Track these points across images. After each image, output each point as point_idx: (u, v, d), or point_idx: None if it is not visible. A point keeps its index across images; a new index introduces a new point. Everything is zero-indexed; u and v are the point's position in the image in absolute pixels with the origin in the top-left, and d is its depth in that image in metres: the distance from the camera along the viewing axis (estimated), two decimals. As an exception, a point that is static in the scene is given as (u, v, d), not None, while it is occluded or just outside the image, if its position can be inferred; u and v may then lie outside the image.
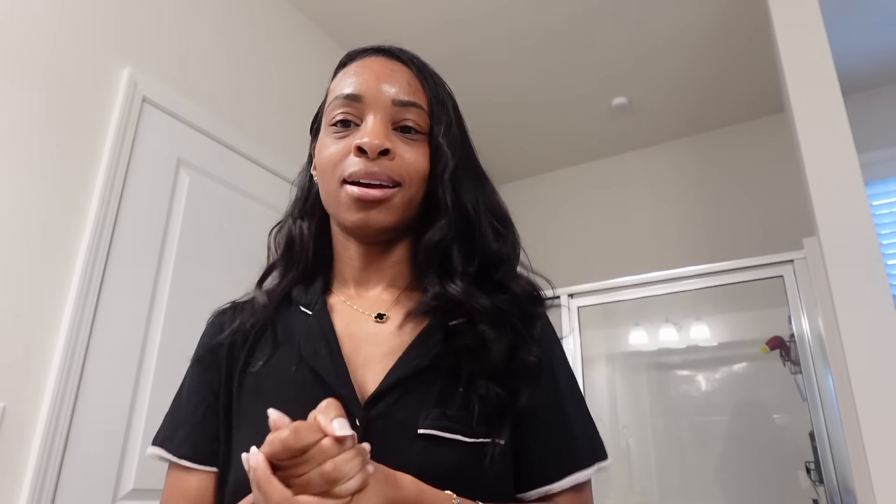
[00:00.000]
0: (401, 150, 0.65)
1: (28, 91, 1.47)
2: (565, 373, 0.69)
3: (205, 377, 0.70)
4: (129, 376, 1.58)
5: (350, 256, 0.71)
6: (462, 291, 0.64)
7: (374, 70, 0.68)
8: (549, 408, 0.65)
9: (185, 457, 0.66)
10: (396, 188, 0.64)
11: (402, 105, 0.67)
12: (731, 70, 2.74)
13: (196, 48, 1.97)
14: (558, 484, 0.62)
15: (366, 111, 0.66)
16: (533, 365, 0.63)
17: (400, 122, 0.67)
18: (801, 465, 2.04)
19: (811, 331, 1.96)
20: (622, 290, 2.38)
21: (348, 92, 0.67)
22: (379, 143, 0.63)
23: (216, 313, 0.75)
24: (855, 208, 1.68)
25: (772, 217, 2.86)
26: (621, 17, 2.46)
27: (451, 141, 0.69)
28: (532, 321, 0.67)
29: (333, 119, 0.67)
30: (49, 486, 1.36)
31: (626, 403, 2.86)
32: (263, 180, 2.12)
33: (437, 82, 0.72)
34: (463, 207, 0.67)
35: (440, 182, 0.67)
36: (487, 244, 0.68)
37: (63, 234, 1.49)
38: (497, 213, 0.71)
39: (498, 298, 0.65)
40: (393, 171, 0.64)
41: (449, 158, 0.67)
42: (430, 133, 0.68)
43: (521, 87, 2.89)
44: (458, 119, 0.73)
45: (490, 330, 0.62)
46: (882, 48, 2.64)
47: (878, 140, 2.75)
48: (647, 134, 3.25)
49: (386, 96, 0.66)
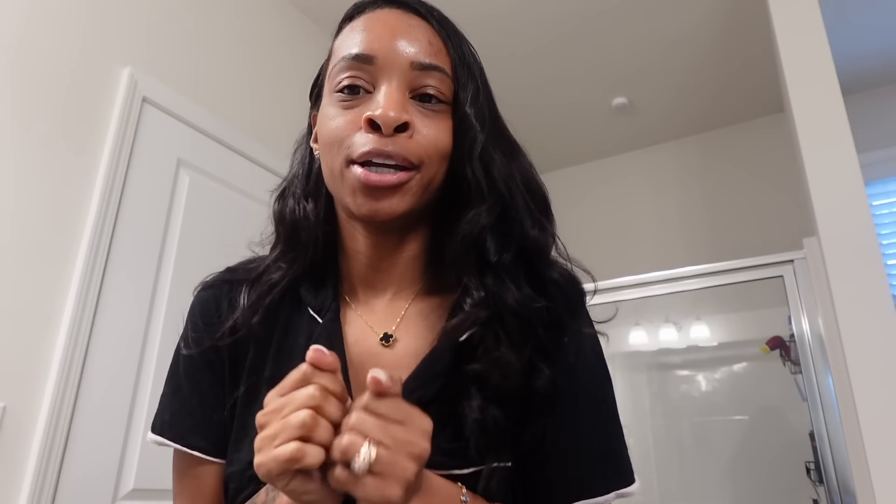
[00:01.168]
0: (420, 123, 0.55)
1: (28, 91, 1.47)
2: (593, 391, 0.59)
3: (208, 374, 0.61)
4: (129, 376, 1.58)
5: (357, 249, 0.61)
6: (494, 282, 0.55)
7: (389, 25, 0.57)
8: (563, 429, 0.56)
9: (197, 448, 0.59)
10: (413, 171, 0.54)
11: (423, 69, 0.55)
12: (731, 70, 2.74)
13: (196, 48, 1.97)
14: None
15: (379, 75, 0.55)
16: (542, 389, 0.54)
17: (419, 88, 0.56)
18: (801, 465, 2.04)
19: (811, 331, 1.96)
20: (622, 290, 2.38)
21: (357, 51, 0.56)
22: (395, 116, 0.52)
23: (206, 286, 0.65)
24: (855, 208, 1.68)
25: (772, 217, 2.86)
26: (621, 17, 2.46)
27: (480, 111, 0.58)
28: (563, 329, 0.57)
29: (339, 84, 0.56)
30: (49, 486, 1.36)
31: (626, 403, 2.85)
32: (263, 180, 2.12)
33: (462, 41, 0.62)
34: (500, 191, 0.57)
35: (469, 161, 0.56)
36: (525, 230, 0.58)
37: (63, 234, 1.49)
38: (536, 194, 0.61)
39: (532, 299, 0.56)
40: (410, 152, 0.53)
41: (478, 132, 0.57)
42: (454, 102, 0.57)
43: (522, 87, 2.89)
44: (486, 85, 0.62)
45: (509, 353, 0.53)
46: (882, 48, 2.64)
47: (878, 140, 2.75)
48: (648, 134, 3.25)
49: (403, 57, 0.55)
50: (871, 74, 2.78)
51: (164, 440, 0.60)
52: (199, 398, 0.60)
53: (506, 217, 0.57)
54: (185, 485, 0.60)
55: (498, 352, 0.53)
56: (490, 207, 0.56)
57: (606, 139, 3.31)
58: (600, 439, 0.58)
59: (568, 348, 0.57)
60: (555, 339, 0.56)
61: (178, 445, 0.59)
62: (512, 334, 0.54)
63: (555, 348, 0.56)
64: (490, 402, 0.52)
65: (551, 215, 0.62)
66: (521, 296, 0.55)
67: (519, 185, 0.59)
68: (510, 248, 0.57)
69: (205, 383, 0.60)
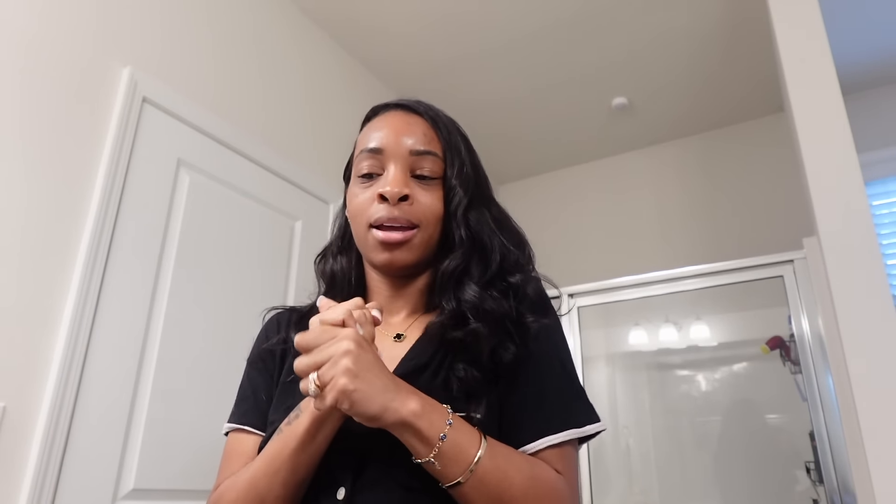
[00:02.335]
0: (418, 195, 0.75)
1: (28, 91, 1.47)
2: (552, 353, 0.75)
3: (261, 378, 0.82)
4: (130, 376, 1.58)
5: (378, 287, 0.82)
6: (476, 294, 0.73)
7: (394, 125, 0.79)
8: (527, 384, 0.72)
9: (247, 424, 0.78)
10: (415, 230, 0.75)
11: (419, 154, 0.77)
12: (731, 70, 2.74)
13: (196, 48, 1.97)
14: (531, 446, 0.68)
15: (387, 162, 0.76)
16: (509, 361, 0.71)
17: (417, 169, 0.77)
18: (801, 465, 2.04)
19: (811, 331, 1.96)
20: (622, 290, 2.38)
21: (372, 146, 0.77)
22: (398, 190, 0.73)
23: (274, 310, 0.88)
24: (855, 208, 1.68)
25: (772, 217, 2.86)
26: (621, 17, 2.46)
27: (464, 181, 0.78)
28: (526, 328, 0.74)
29: (360, 171, 0.78)
30: (49, 486, 1.36)
31: (626, 403, 2.86)
32: (263, 180, 2.12)
33: (451, 129, 0.82)
34: (477, 238, 0.77)
35: (454, 219, 0.77)
36: (504, 259, 0.78)
37: (63, 234, 1.49)
38: (512, 237, 0.81)
39: (503, 302, 0.74)
40: (411, 215, 0.74)
41: (462, 197, 0.77)
42: (444, 176, 0.78)
43: (522, 87, 2.89)
44: (472, 158, 0.82)
45: (480, 326, 0.70)
46: (882, 48, 2.64)
47: (878, 140, 2.75)
48: (647, 134, 3.25)
49: (404, 148, 0.76)
50: (871, 74, 2.78)
51: (228, 425, 0.80)
52: (253, 391, 0.81)
53: (484, 254, 0.77)
54: (231, 451, 0.77)
55: (473, 326, 0.70)
56: (465, 251, 0.76)
57: (606, 139, 3.31)
58: (556, 392, 0.73)
59: (531, 335, 0.74)
60: (520, 330, 0.73)
61: (236, 425, 0.78)
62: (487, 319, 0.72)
63: (520, 335, 0.73)
64: (470, 365, 0.69)
65: (525, 248, 0.82)
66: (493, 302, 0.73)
67: (496, 234, 0.79)
68: (487, 272, 0.77)
69: (258, 380, 0.81)
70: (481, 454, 0.62)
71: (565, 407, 0.72)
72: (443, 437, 0.60)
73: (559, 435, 0.69)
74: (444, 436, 0.61)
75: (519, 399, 0.71)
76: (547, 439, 0.69)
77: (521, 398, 0.71)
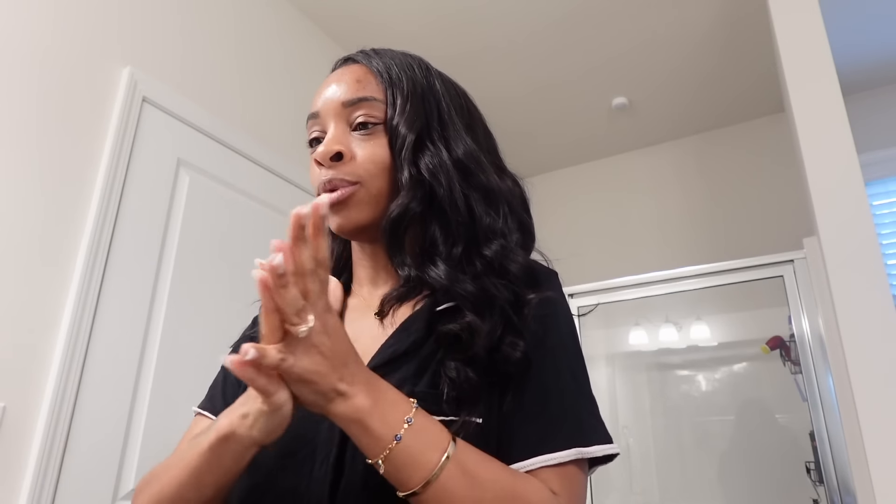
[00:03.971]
0: (357, 148, 0.66)
1: (28, 91, 1.47)
2: (560, 354, 0.63)
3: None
4: (129, 376, 1.58)
5: (360, 260, 0.74)
6: (445, 275, 0.62)
7: (328, 82, 0.70)
8: (530, 390, 0.60)
9: (207, 409, 0.74)
10: (355, 185, 0.65)
11: (351, 104, 0.67)
12: (731, 70, 2.74)
13: (196, 48, 1.97)
14: (522, 464, 0.56)
15: (325, 124, 0.68)
16: (518, 360, 0.59)
17: (354, 121, 0.67)
18: (801, 465, 2.04)
19: (811, 331, 1.96)
20: (622, 290, 2.38)
21: (311, 111, 0.70)
22: (325, 150, 0.65)
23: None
24: (855, 208, 1.68)
25: (772, 217, 2.86)
26: (621, 17, 2.46)
27: (409, 118, 0.66)
28: (526, 305, 0.63)
29: (308, 139, 0.71)
30: (49, 486, 1.36)
31: (626, 403, 2.85)
32: (263, 180, 2.12)
33: (392, 63, 0.70)
34: (425, 178, 0.65)
35: (398, 160, 0.65)
36: (474, 217, 0.66)
37: (63, 234, 1.49)
38: (481, 183, 0.68)
39: (488, 281, 0.62)
40: (348, 173, 0.65)
41: (406, 134, 0.66)
42: (385, 119, 0.67)
43: (521, 86, 2.89)
44: (428, 92, 0.70)
45: (476, 320, 0.59)
46: (882, 48, 2.64)
47: (878, 140, 2.75)
48: (647, 134, 3.25)
49: (335, 102, 0.68)
50: (871, 74, 2.78)
51: (193, 408, 0.76)
52: (224, 378, 0.75)
53: (441, 204, 0.65)
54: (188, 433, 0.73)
55: (468, 319, 0.59)
56: (411, 194, 0.64)
57: (606, 139, 3.31)
58: (561, 400, 0.60)
59: (533, 317, 0.62)
60: (518, 311, 0.62)
61: (198, 409, 0.75)
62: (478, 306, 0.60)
63: (522, 322, 0.61)
64: (465, 362, 0.58)
65: (500, 202, 0.68)
66: (474, 285, 0.61)
67: (453, 173, 0.66)
68: (458, 239, 0.65)
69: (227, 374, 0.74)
70: (444, 462, 0.50)
71: (573, 419, 0.60)
72: (397, 438, 0.50)
73: (558, 455, 0.56)
74: (399, 437, 0.50)
75: (513, 404, 0.59)
76: (542, 458, 0.56)
77: (517, 404, 0.60)
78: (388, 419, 0.51)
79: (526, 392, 0.60)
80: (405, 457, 0.50)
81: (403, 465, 0.50)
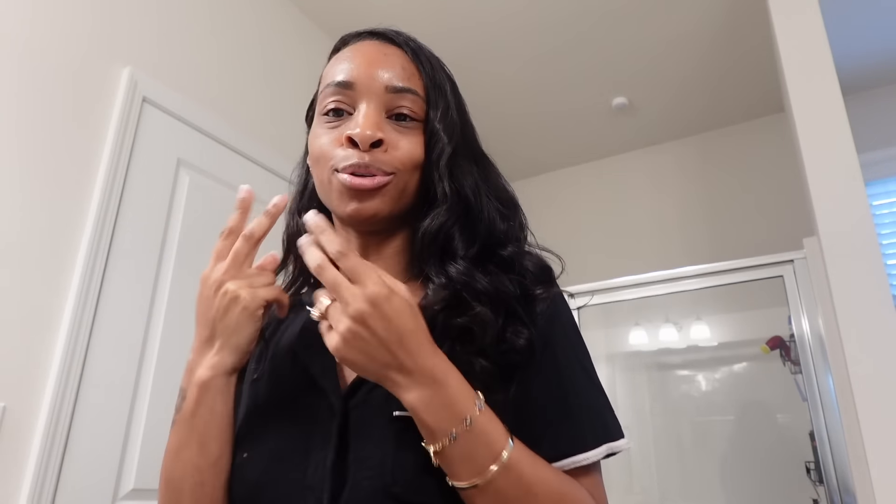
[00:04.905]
0: (394, 139, 0.63)
1: (28, 91, 1.47)
2: (569, 351, 0.64)
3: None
4: (130, 376, 1.58)
5: (358, 246, 0.69)
6: (464, 271, 0.61)
7: (367, 55, 0.66)
8: (547, 387, 0.60)
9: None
10: (391, 176, 0.62)
11: (396, 91, 0.64)
12: (731, 70, 2.74)
13: (196, 48, 1.97)
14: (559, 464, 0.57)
15: (358, 99, 0.63)
16: (522, 347, 0.59)
17: (394, 109, 0.64)
18: (801, 465, 2.04)
19: (811, 331, 1.96)
20: (622, 290, 2.38)
21: (340, 79, 0.64)
22: (370, 134, 0.60)
23: None
24: (855, 208, 1.68)
25: (772, 217, 2.86)
26: (622, 17, 2.46)
27: (449, 126, 0.65)
28: (535, 301, 0.63)
29: (325, 108, 0.65)
30: (49, 486, 1.36)
31: (626, 403, 2.85)
32: (263, 180, 2.12)
33: (434, 65, 0.69)
34: (462, 194, 0.65)
35: (437, 169, 0.64)
36: (494, 226, 0.66)
37: (63, 235, 1.49)
38: (502, 197, 0.69)
39: (501, 278, 0.62)
40: (385, 163, 0.61)
41: (445, 144, 0.64)
42: (426, 119, 0.65)
43: (522, 87, 2.89)
44: (458, 102, 0.70)
45: (486, 311, 0.59)
46: (882, 48, 2.64)
47: (878, 140, 2.75)
48: (647, 134, 3.25)
49: (379, 83, 0.63)
50: (871, 74, 2.78)
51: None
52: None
53: (470, 216, 0.65)
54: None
55: (477, 310, 0.59)
56: (450, 207, 0.64)
57: (606, 139, 3.31)
58: (588, 395, 0.61)
59: (542, 316, 0.63)
60: (528, 309, 0.62)
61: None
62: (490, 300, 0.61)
63: (530, 317, 0.62)
64: (476, 353, 0.58)
65: (518, 212, 0.70)
66: (488, 281, 0.61)
67: (484, 190, 0.67)
68: (475, 243, 0.64)
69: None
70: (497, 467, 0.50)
71: (598, 416, 0.60)
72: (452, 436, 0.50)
73: (591, 454, 0.57)
74: (454, 435, 0.50)
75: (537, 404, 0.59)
76: (575, 459, 0.57)
77: (541, 403, 0.59)
78: (445, 416, 0.50)
79: (542, 389, 0.60)
80: (459, 454, 0.50)
81: (457, 461, 0.51)
